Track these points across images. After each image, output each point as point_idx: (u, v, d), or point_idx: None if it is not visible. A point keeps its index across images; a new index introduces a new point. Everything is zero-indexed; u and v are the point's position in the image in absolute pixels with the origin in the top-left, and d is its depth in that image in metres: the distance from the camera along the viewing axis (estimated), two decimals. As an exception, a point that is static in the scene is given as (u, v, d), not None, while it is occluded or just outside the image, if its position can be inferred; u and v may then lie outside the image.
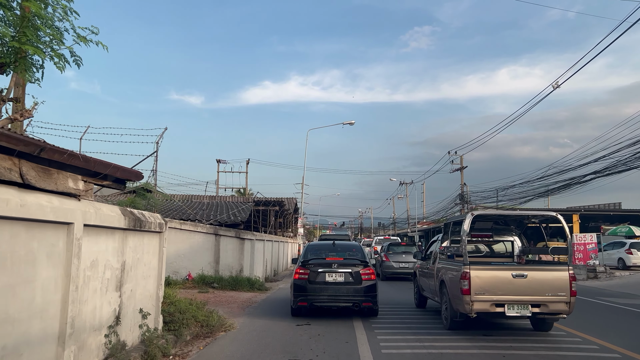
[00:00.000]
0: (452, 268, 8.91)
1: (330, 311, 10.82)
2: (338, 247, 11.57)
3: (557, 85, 21.60)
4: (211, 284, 15.50)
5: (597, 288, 19.39)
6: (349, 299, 10.00)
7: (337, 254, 11.10)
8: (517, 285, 8.04)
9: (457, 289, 8.33)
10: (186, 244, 16.22)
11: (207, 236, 16.51)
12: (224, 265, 16.63)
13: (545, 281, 8.11)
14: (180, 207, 18.88)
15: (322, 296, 10.01)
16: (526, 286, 8.04)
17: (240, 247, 16.87)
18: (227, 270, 16.62)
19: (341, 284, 10.08)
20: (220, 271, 16.55)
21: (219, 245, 16.64)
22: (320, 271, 10.18)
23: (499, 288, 8.04)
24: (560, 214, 9.19)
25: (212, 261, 16.53)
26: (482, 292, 8.01)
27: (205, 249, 16.48)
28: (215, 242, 16.62)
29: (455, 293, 8.49)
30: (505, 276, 8.13)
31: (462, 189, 46.92)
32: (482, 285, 8.03)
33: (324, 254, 11.08)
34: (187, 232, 16.24)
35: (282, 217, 35.26)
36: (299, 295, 10.19)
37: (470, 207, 45.91)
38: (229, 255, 16.72)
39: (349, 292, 10.02)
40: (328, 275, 10.15)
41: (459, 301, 8.29)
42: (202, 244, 16.45)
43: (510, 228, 10.70)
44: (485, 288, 8.02)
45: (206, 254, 16.47)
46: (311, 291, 10.06)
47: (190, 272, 16.03)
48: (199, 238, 16.42)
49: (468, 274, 8.07)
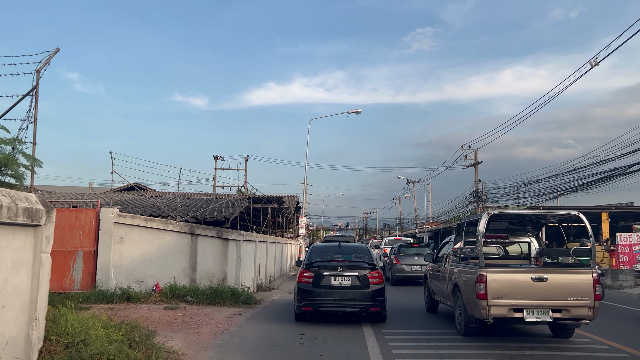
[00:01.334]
0: (467, 271, 8.54)
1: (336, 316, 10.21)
2: (344, 249, 11.15)
3: (595, 62, 19.04)
4: (184, 297, 12.18)
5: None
6: (355, 303, 9.65)
7: (343, 256, 10.77)
8: (536, 289, 7.72)
9: (472, 293, 7.99)
10: (153, 246, 12.91)
11: (181, 236, 13.20)
12: (202, 272, 13.31)
13: (567, 284, 7.79)
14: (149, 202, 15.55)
15: (328, 301, 9.62)
16: (546, 290, 7.71)
17: (223, 250, 13.54)
18: (206, 279, 13.30)
19: (347, 288, 9.71)
20: (198, 280, 13.23)
21: (196, 247, 13.32)
22: (325, 274, 9.80)
23: (517, 292, 7.74)
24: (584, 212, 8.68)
25: (186, 268, 13.21)
26: (499, 296, 7.70)
27: (178, 253, 13.16)
28: (191, 244, 13.30)
29: (470, 297, 8.15)
30: (524, 279, 7.78)
31: (477, 186, 43.49)
32: (499, 289, 7.72)
33: (329, 256, 10.75)
34: (155, 232, 12.94)
35: (281, 216, 31.94)
36: (303, 299, 9.77)
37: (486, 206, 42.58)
38: (208, 259, 13.40)
39: (356, 296, 9.67)
40: (334, 278, 9.76)
41: (474, 306, 7.97)
42: (175, 246, 13.14)
43: (526, 228, 10.30)
44: (502, 292, 7.72)
45: (179, 259, 13.16)
46: (316, 295, 9.66)
47: (158, 281, 12.71)
48: (170, 239, 13.11)
49: (484, 277, 7.74)
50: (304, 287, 9.84)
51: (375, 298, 9.68)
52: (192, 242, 13.31)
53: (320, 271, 9.86)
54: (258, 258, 17.16)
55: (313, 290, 9.71)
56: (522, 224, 10.26)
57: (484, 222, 8.27)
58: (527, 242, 10.30)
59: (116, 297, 11.61)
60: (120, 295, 11.70)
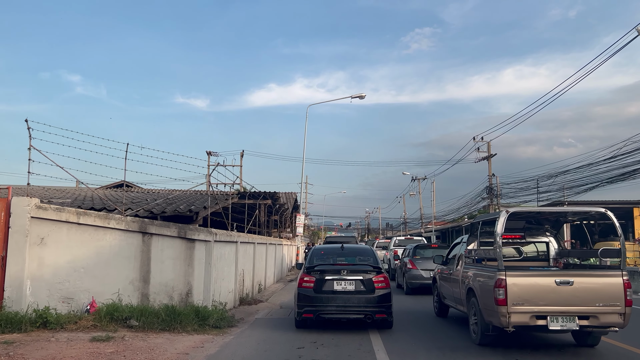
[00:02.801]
0: (483, 274, 7.99)
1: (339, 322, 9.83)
2: (347, 251, 10.74)
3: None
4: (126, 321, 8.73)
5: None
6: (360, 309, 9.16)
7: (346, 258, 10.44)
8: (561, 293, 7.21)
9: (490, 298, 7.47)
10: (89, 249, 9.47)
11: (128, 236, 9.75)
12: (158, 285, 9.85)
13: (595, 289, 7.25)
14: (85, 196, 12.01)
15: (330, 307, 9.14)
16: (572, 295, 7.21)
17: (187, 254, 10.08)
18: (164, 294, 9.85)
19: (351, 293, 9.24)
20: (152, 295, 9.77)
21: (149, 250, 9.86)
22: (327, 279, 9.33)
23: (540, 297, 7.22)
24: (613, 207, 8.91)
25: (135, 279, 9.74)
26: (520, 302, 7.19)
27: (124, 258, 9.71)
28: (143, 246, 9.84)
29: (487, 303, 7.59)
30: (547, 283, 7.25)
31: (490, 181, 39.94)
32: (520, 294, 7.20)
33: (331, 258, 10.33)
34: (92, 230, 9.49)
35: (277, 214, 28.49)
36: (303, 305, 9.24)
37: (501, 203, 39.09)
38: (166, 267, 9.94)
39: (360, 302, 9.19)
40: (336, 283, 9.30)
41: (492, 313, 7.43)
42: (119, 250, 9.68)
43: (544, 227, 9.82)
44: (524, 297, 7.21)
45: (125, 267, 9.70)
46: (317, 301, 9.16)
47: (94, 299, 9.26)
48: (113, 239, 9.65)
49: (504, 281, 7.22)
50: (305, 292, 9.32)
51: (381, 304, 9.23)
52: (144, 243, 9.84)
53: (322, 275, 9.36)
54: (241, 263, 13.68)
55: (314, 295, 9.22)
56: (538, 223, 9.61)
57: (502, 221, 7.65)
58: (545, 242, 9.72)
59: (28, 323, 8.19)
60: (34, 320, 8.27)
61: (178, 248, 10.05)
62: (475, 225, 9.37)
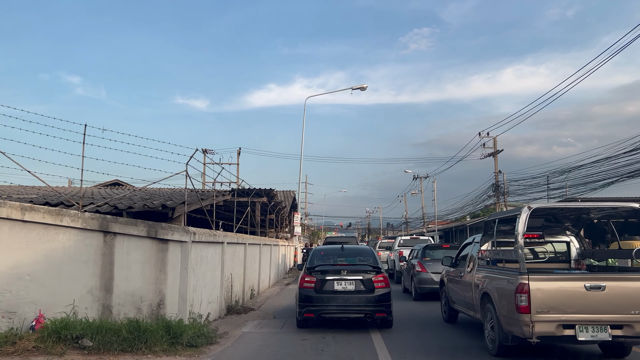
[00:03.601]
0: (501, 278, 7.36)
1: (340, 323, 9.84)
2: (347, 252, 10.79)
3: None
4: (77, 340, 7.07)
5: None
6: (360, 309, 9.23)
7: (346, 259, 10.47)
8: (592, 300, 6.57)
9: (510, 305, 6.83)
10: (37, 252, 7.82)
11: (86, 236, 8.10)
12: (123, 295, 8.20)
13: (631, 294, 6.59)
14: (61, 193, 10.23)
15: (331, 307, 9.22)
16: (604, 301, 6.56)
17: (158, 258, 8.43)
18: (130, 305, 8.19)
19: (352, 293, 9.32)
20: (115, 307, 8.12)
21: (112, 253, 8.21)
22: (328, 279, 9.40)
23: (567, 304, 6.58)
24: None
25: (95, 287, 8.09)
26: (545, 309, 6.54)
27: (80, 263, 8.06)
28: (104, 248, 8.19)
29: (507, 311, 6.95)
30: (576, 288, 6.61)
31: (497, 178, 38.29)
32: (545, 300, 6.55)
33: (332, 259, 10.33)
34: (41, 228, 7.85)
35: (274, 213, 26.84)
36: (304, 305, 9.30)
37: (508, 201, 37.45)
38: (133, 274, 8.29)
39: (360, 301, 9.26)
40: (337, 283, 9.37)
41: (512, 322, 6.79)
42: (75, 252, 8.03)
43: (564, 226, 9.07)
44: (549, 304, 6.56)
45: (83, 273, 8.05)
46: (318, 301, 9.24)
47: (42, 312, 7.61)
48: (67, 240, 8.01)
49: (526, 285, 6.55)
50: (306, 292, 9.40)
51: (381, 303, 9.32)
52: (106, 245, 8.19)
53: (322, 275, 9.46)
54: (229, 267, 12.03)
55: (315, 295, 9.31)
56: (557, 221, 8.96)
57: (524, 218, 7.10)
58: (565, 242, 9.13)
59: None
60: (-41, 340, 6.63)
61: (148, 250, 8.40)
62: (489, 223, 8.64)
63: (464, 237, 51.16)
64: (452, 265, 10.52)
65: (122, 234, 8.25)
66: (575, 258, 9.07)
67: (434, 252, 15.75)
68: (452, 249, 15.51)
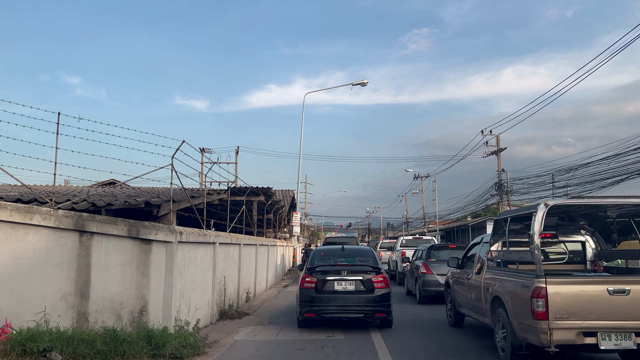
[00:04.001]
0: (515, 281, 6.87)
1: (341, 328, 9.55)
2: (347, 252, 10.87)
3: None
4: (45, 354, 6.29)
5: None
6: (360, 309, 9.30)
7: (346, 259, 10.55)
8: (615, 305, 6.10)
9: (524, 310, 6.37)
10: (4, 254, 7.05)
11: (59, 236, 7.33)
12: (101, 301, 7.43)
13: None
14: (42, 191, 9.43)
15: (331, 306, 9.29)
16: (629, 306, 6.12)
17: (141, 260, 7.66)
18: (109, 313, 7.42)
19: (352, 293, 9.40)
20: (92, 314, 7.35)
21: (89, 255, 7.45)
22: (328, 279, 9.47)
23: (589, 310, 6.11)
24: None
25: (69, 293, 7.32)
26: (564, 315, 6.08)
27: (52, 266, 7.29)
28: (80, 249, 7.42)
29: (521, 317, 6.48)
30: (597, 292, 6.13)
31: (500, 177, 37.53)
32: (564, 306, 6.09)
33: (332, 259, 10.40)
34: (7, 228, 7.09)
35: (272, 212, 26.06)
36: (305, 305, 9.37)
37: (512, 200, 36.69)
38: (112, 277, 7.52)
39: (360, 301, 9.33)
40: (337, 283, 9.45)
41: (528, 328, 6.34)
42: (46, 254, 7.27)
43: (579, 224, 8.56)
44: (569, 310, 6.09)
45: (55, 277, 7.28)
46: (319, 301, 9.30)
47: (7, 321, 6.83)
48: (36, 240, 7.24)
49: (544, 289, 6.07)
50: (307, 292, 9.47)
51: (381, 303, 9.39)
52: (82, 246, 7.42)
53: (323, 276, 9.54)
54: (221, 269, 11.27)
55: (316, 295, 9.38)
56: (571, 219, 8.52)
57: (541, 216, 6.52)
58: (580, 242, 8.73)
59: None
60: None
61: (129, 251, 7.62)
62: (499, 222, 8.14)
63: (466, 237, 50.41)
64: (458, 267, 10.10)
65: (100, 233, 7.48)
66: (591, 259, 8.63)
67: (440, 252, 15.03)
68: (458, 249, 14.75)
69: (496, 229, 8.41)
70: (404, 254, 19.47)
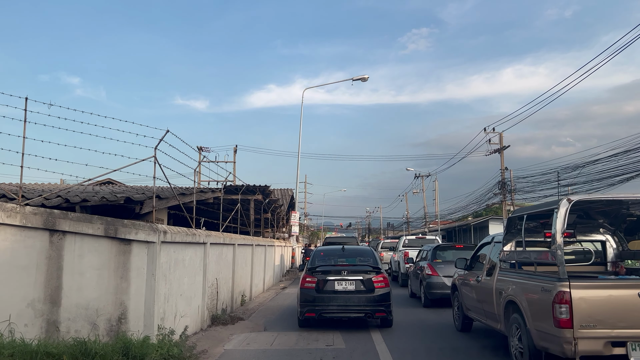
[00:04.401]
0: (533, 284, 6.27)
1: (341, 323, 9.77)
2: (348, 252, 10.89)
3: None
4: (6, 370, 5.55)
5: None
6: (360, 309, 9.37)
7: (346, 259, 10.55)
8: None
9: (545, 317, 5.81)
10: (-37, 256, 6.29)
11: (27, 235, 6.57)
12: (75, 308, 6.67)
13: None
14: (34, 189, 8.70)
15: (331, 306, 9.35)
16: None
17: (120, 262, 6.89)
18: (84, 321, 6.66)
19: (352, 293, 9.45)
20: (64, 324, 6.58)
21: (61, 257, 6.68)
22: (329, 279, 9.53)
23: (618, 317, 5.58)
24: None
25: (38, 299, 6.56)
26: (591, 323, 5.55)
27: (18, 269, 6.53)
28: (50, 250, 6.66)
29: (541, 324, 5.92)
30: (627, 298, 5.59)
31: (503, 175, 36.78)
32: (591, 312, 5.56)
33: (332, 259, 10.43)
34: (-32, 226, 6.32)
35: (270, 211, 25.31)
36: (306, 305, 9.43)
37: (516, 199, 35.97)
38: (88, 282, 6.75)
39: (361, 301, 9.38)
40: (337, 283, 9.50)
41: (549, 337, 5.80)
42: (11, 256, 6.51)
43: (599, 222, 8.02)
44: (596, 317, 5.56)
45: (21, 282, 6.52)
46: (319, 301, 9.37)
47: (-34, 331, 6.08)
48: (3, 240, 6.48)
49: (567, 294, 5.53)
50: (307, 292, 9.48)
51: (381, 302, 9.40)
52: (53, 246, 6.65)
53: (323, 276, 9.55)
54: (213, 270, 10.50)
55: (316, 295, 9.40)
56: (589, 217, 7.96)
57: (563, 213, 5.94)
58: (600, 241, 8.26)
59: None
60: None
61: (106, 253, 6.86)
62: (514, 220, 7.56)
63: (468, 236, 49.68)
64: (466, 268, 9.60)
65: (74, 232, 6.71)
66: (613, 260, 8.13)
67: (446, 253, 14.28)
68: (465, 249, 14.00)
69: (510, 227, 7.85)
70: (406, 255, 18.72)
